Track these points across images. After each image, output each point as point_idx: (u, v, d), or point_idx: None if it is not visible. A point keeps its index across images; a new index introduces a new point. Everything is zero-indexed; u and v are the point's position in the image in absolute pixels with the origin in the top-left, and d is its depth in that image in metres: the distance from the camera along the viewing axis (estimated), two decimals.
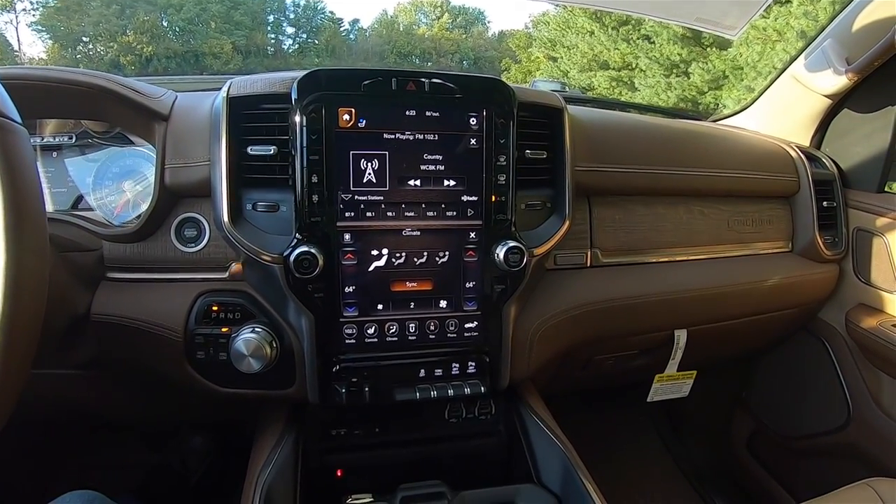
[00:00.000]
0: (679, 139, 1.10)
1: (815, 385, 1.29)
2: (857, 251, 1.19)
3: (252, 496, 0.68)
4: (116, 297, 0.79)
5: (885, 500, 0.84)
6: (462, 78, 0.76)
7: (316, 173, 0.71)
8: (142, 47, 12.59)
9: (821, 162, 1.22)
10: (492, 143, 0.77)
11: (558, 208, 0.86)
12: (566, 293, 0.91)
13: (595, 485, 0.71)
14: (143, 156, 0.89)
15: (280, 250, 0.72)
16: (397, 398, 0.78)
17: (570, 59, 10.75)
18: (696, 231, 1.06)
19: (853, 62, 1.12)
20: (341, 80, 0.72)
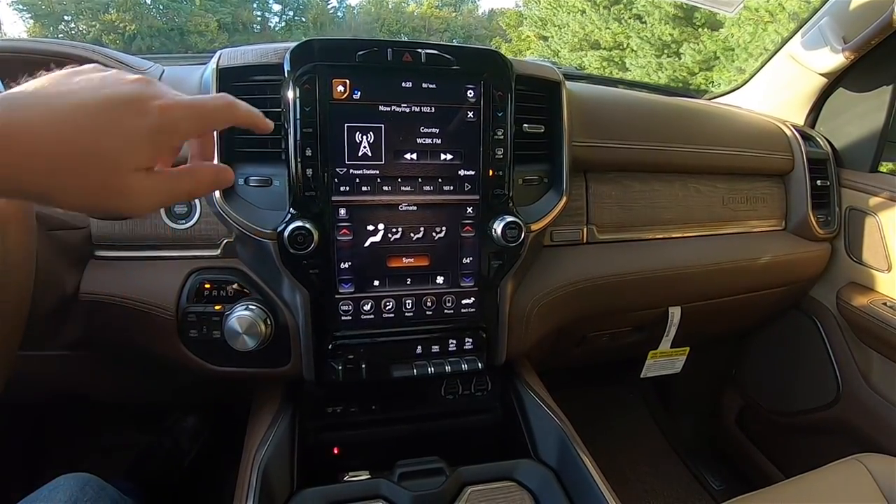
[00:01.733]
0: (676, 116, 1.09)
1: (805, 362, 1.31)
2: (850, 230, 1.20)
3: (249, 474, 0.67)
4: (105, 276, 0.77)
5: (875, 475, 0.86)
6: (459, 49, 0.74)
7: (310, 147, 0.70)
8: (125, 25, 12.30)
9: (815, 141, 1.22)
10: (489, 117, 0.75)
11: (556, 183, 0.85)
12: (562, 269, 0.90)
13: (592, 459, 0.71)
14: None
15: (274, 226, 0.71)
16: (394, 375, 0.77)
17: (560, 38, 10.66)
18: (692, 208, 1.06)
19: (850, 41, 1.12)
20: (335, 51, 0.70)
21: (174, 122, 0.39)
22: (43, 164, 0.35)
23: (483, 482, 0.71)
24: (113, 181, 0.37)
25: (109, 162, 0.37)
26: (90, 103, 0.36)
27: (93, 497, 0.67)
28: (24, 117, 0.34)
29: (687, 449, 1.64)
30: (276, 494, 0.67)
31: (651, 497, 1.49)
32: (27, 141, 0.34)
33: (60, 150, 0.35)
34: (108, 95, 0.37)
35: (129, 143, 0.37)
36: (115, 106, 0.37)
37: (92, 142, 0.36)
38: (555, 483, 0.71)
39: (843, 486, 0.85)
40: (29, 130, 0.34)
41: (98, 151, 0.36)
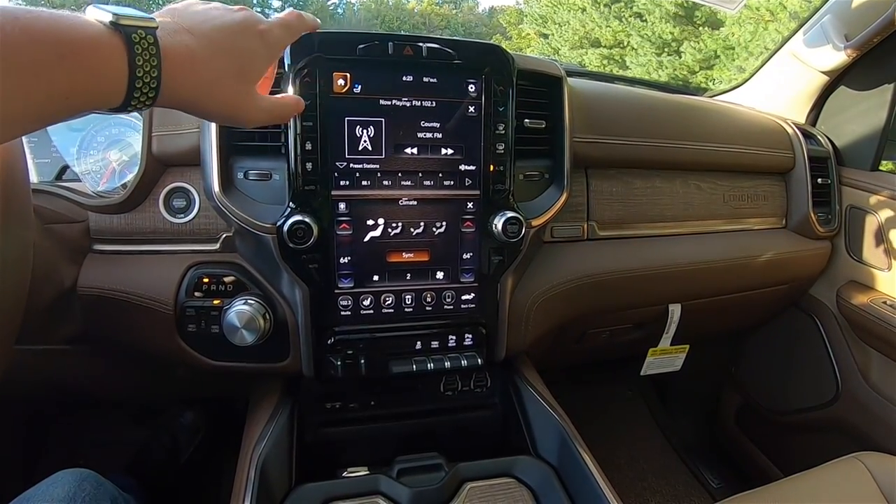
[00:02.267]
0: (677, 112, 1.09)
1: (804, 361, 1.31)
2: (850, 228, 1.19)
3: (247, 470, 0.67)
4: (103, 270, 0.77)
5: (874, 473, 0.85)
6: (460, 43, 0.74)
7: (310, 140, 0.69)
8: None
9: (816, 139, 1.22)
10: (490, 111, 0.75)
11: (556, 179, 0.84)
12: (563, 266, 0.90)
13: (592, 456, 0.71)
14: (128, 124, 0.86)
15: (273, 220, 0.70)
16: (393, 371, 0.77)
17: (561, 35, 10.64)
18: (693, 205, 1.06)
19: (852, 38, 1.12)
20: (336, 44, 0.70)
21: (275, 39, 0.51)
22: (198, 79, 0.44)
23: (482, 478, 0.71)
24: (243, 94, 0.49)
25: (242, 77, 0.48)
26: (225, 29, 0.46)
27: (90, 492, 0.67)
28: (181, 41, 0.43)
29: (686, 447, 1.64)
30: (275, 490, 0.67)
31: (650, 494, 1.49)
32: (188, 60, 0.43)
33: (211, 67, 0.45)
34: (232, 22, 0.47)
35: (251, 59, 0.49)
36: (240, 31, 0.48)
37: (231, 59, 0.46)
38: (554, 480, 0.71)
39: (841, 485, 0.85)
40: (188, 52, 0.43)
41: (234, 68, 0.47)
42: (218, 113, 0.49)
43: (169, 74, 0.41)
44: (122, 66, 0.39)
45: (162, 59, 0.41)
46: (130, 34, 0.39)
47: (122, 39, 0.39)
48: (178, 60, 0.42)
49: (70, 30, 0.37)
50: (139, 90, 0.40)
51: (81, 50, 0.37)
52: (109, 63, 0.38)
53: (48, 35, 0.35)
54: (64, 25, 0.36)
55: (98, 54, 0.38)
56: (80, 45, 0.37)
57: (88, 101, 0.39)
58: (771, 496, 0.83)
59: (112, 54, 0.38)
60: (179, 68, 0.42)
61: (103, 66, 0.38)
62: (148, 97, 0.41)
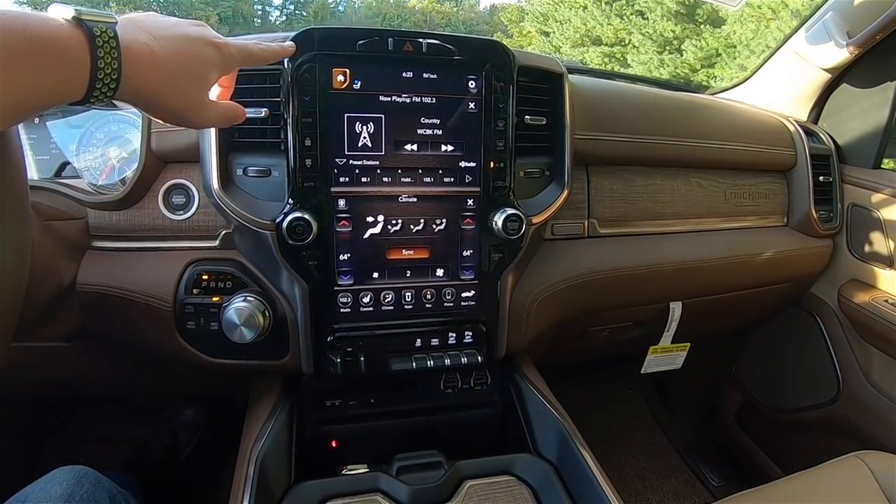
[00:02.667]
0: (679, 110, 1.08)
1: (805, 359, 1.31)
2: (852, 227, 1.19)
3: (246, 467, 0.67)
4: (103, 267, 0.77)
5: (875, 472, 0.85)
6: (461, 39, 0.73)
7: (309, 136, 0.69)
8: None
9: (818, 137, 1.22)
10: (491, 108, 0.75)
11: (557, 176, 0.84)
12: (563, 263, 0.90)
13: (592, 454, 0.71)
14: (127, 120, 0.86)
15: (272, 216, 0.70)
16: (393, 368, 0.77)
17: (562, 33, 10.63)
18: (694, 203, 1.05)
19: (854, 36, 1.11)
20: (336, 40, 0.69)
21: (230, 53, 0.55)
22: (157, 76, 0.47)
23: (482, 476, 0.71)
24: (197, 96, 0.52)
25: (198, 80, 0.52)
26: (183, 36, 0.50)
27: (89, 489, 0.66)
28: (141, 40, 0.46)
29: (686, 445, 1.64)
30: (274, 487, 0.67)
31: (650, 493, 1.49)
32: (148, 57, 0.46)
33: (170, 67, 0.48)
34: (190, 31, 0.51)
35: (208, 67, 0.52)
36: (197, 39, 0.51)
37: (188, 63, 0.50)
38: (554, 478, 0.71)
39: (842, 484, 0.84)
40: (150, 50, 0.46)
41: (192, 71, 0.50)
42: (174, 110, 0.51)
43: (130, 67, 0.44)
44: (84, 57, 0.41)
45: (122, 53, 0.43)
46: (92, 28, 0.42)
47: (84, 33, 0.41)
48: (139, 57, 0.45)
49: (36, 24, 0.39)
50: (101, 81, 0.43)
51: (47, 43, 0.39)
52: (73, 55, 0.41)
53: (16, 30, 0.38)
54: (31, 21, 0.39)
55: (62, 47, 0.40)
56: (46, 38, 0.39)
57: (55, 92, 0.41)
58: (771, 495, 0.82)
59: (75, 47, 0.41)
60: (140, 64, 0.45)
61: (68, 58, 0.41)
62: (109, 88, 0.43)
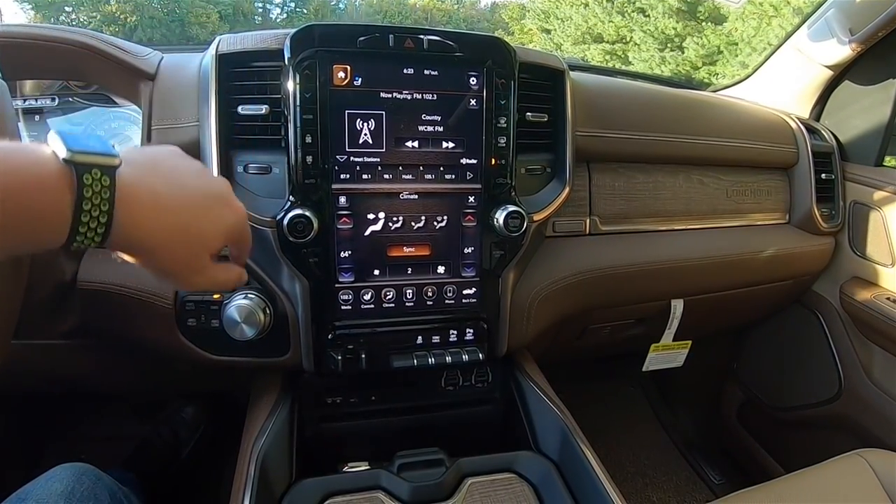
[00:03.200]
0: (680, 107, 1.08)
1: (806, 357, 1.30)
2: (854, 224, 1.19)
3: (247, 465, 0.67)
4: (103, 264, 0.76)
5: (877, 470, 0.85)
6: (462, 35, 0.73)
7: (310, 133, 0.69)
8: (125, 17, 12.23)
9: (820, 134, 1.22)
10: (492, 105, 0.74)
11: (558, 174, 0.84)
12: (564, 261, 0.90)
13: (594, 451, 0.70)
14: (127, 117, 0.86)
15: (273, 214, 0.70)
16: (394, 365, 0.77)
17: (563, 31, 10.61)
18: (695, 200, 1.05)
19: (856, 33, 1.10)
20: (336, 36, 0.69)
21: (244, 227, 0.50)
22: (156, 226, 0.41)
23: (483, 474, 0.71)
24: (196, 259, 0.45)
25: (200, 241, 0.45)
26: (197, 190, 0.44)
27: (89, 487, 0.66)
28: (148, 182, 0.40)
29: (687, 443, 1.64)
30: (275, 485, 0.67)
31: (651, 490, 1.49)
32: (150, 205, 0.40)
33: (173, 219, 0.42)
34: (207, 187, 0.46)
35: (218, 230, 0.46)
36: (211, 196, 0.46)
37: (197, 218, 0.44)
38: (555, 475, 0.70)
39: (843, 482, 0.84)
40: (155, 197, 0.41)
41: (198, 228, 0.44)
42: (168, 271, 0.44)
43: (125, 215, 0.38)
44: (63, 208, 0.36)
45: (116, 202, 0.38)
46: (83, 174, 0.36)
47: (72, 179, 0.36)
48: (139, 202, 0.39)
49: (18, 168, 0.35)
50: (82, 234, 0.37)
51: (25, 191, 0.35)
52: (53, 206, 0.36)
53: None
54: (11, 164, 0.34)
55: (42, 196, 0.35)
56: (23, 185, 0.35)
57: (26, 241, 0.36)
58: (772, 493, 0.82)
59: (56, 196, 0.36)
60: (139, 210, 0.39)
61: (45, 209, 0.36)
62: (93, 241, 0.38)
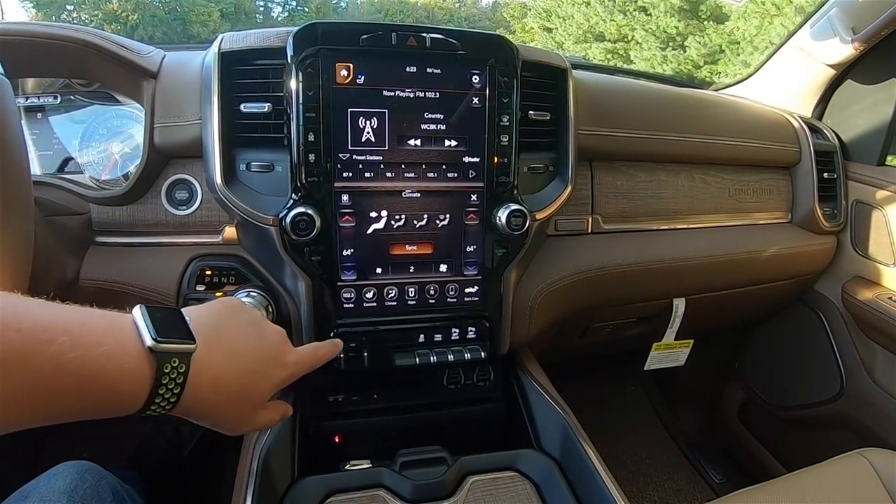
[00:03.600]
0: (683, 105, 1.08)
1: (808, 356, 1.30)
2: (856, 224, 1.19)
3: (249, 463, 0.67)
4: (106, 262, 0.77)
5: (878, 469, 0.85)
6: (464, 34, 0.73)
7: (312, 131, 0.69)
8: (126, 15, 12.22)
9: (822, 133, 1.21)
10: (494, 103, 0.74)
11: (561, 172, 0.84)
12: (566, 259, 0.90)
13: (595, 450, 0.70)
14: (130, 115, 0.86)
15: (275, 212, 0.70)
16: (396, 363, 0.77)
17: (565, 29, 10.58)
18: (698, 199, 1.05)
19: (859, 31, 1.10)
20: (339, 34, 0.69)
21: (297, 373, 0.55)
22: (216, 400, 0.46)
23: (485, 472, 0.71)
24: (249, 413, 0.51)
25: (253, 400, 0.50)
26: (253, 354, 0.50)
27: (92, 484, 0.66)
28: (213, 363, 0.45)
29: (688, 441, 1.64)
30: (277, 483, 0.67)
31: (652, 489, 1.49)
32: (212, 385, 0.45)
33: (231, 391, 0.47)
34: (262, 349, 0.51)
35: (269, 387, 0.51)
36: (267, 360, 0.51)
37: (252, 386, 0.49)
38: (557, 473, 0.70)
39: (845, 481, 0.84)
40: (215, 377, 0.45)
41: (250, 394, 0.50)
42: (221, 426, 0.49)
43: (190, 395, 0.42)
44: (141, 391, 0.40)
45: (187, 385, 0.42)
46: (164, 363, 0.40)
47: (152, 366, 0.40)
48: (205, 383, 0.44)
49: (100, 360, 0.37)
50: (153, 410, 0.41)
51: (104, 381, 0.38)
52: (130, 388, 0.39)
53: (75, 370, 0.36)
54: (95, 356, 0.37)
55: (120, 384, 0.39)
56: (105, 376, 0.38)
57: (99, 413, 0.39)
58: (773, 492, 0.82)
59: (135, 381, 0.39)
60: (202, 390, 0.44)
61: (121, 392, 0.39)
62: (161, 413, 0.42)
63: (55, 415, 0.37)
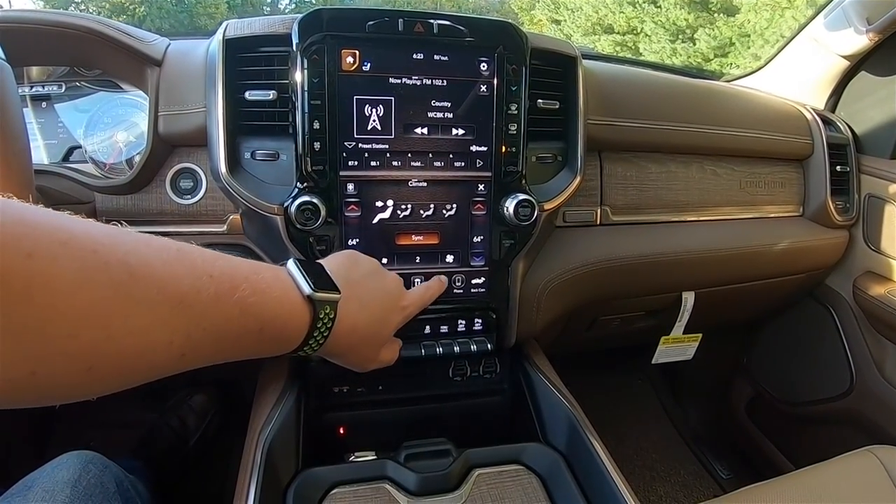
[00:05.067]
0: (694, 96, 1.06)
1: (818, 352, 1.29)
2: (868, 218, 1.17)
3: (253, 453, 0.66)
4: None
5: (888, 467, 0.84)
6: (473, 20, 0.72)
7: (318, 119, 0.68)
8: (134, 7, 12.24)
9: (835, 125, 1.19)
10: (503, 91, 0.73)
11: (570, 162, 0.82)
12: (575, 251, 0.89)
13: (602, 444, 0.70)
14: (134, 104, 0.86)
15: (280, 201, 0.69)
16: (402, 355, 0.76)
17: (573, 22, 10.52)
18: (708, 191, 1.03)
19: (874, 22, 1.08)
20: (345, 21, 0.68)
21: (411, 314, 0.65)
22: (350, 342, 0.55)
23: (490, 465, 0.70)
24: (375, 352, 0.61)
25: (379, 340, 0.60)
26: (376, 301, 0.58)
27: (96, 475, 0.66)
28: (350, 311, 0.53)
29: (695, 436, 1.63)
30: (281, 473, 0.66)
31: (658, 483, 1.48)
32: (349, 329, 0.53)
33: (362, 335, 0.56)
34: (384, 296, 0.60)
35: (390, 330, 0.61)
36: (390, 308, 0.61)
37: (378, 330, 0.59)
38: (563, 467, 0.70)
39: (853, 478, 0.83)
40: (352, 322, 0.53)
41: (377, 336, 0.59)
42: (351, 364, 0.60)
43: (333, 338, 0.51)
44: (301, 333, 0.48)
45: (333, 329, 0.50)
46: (319, 311, 0.48)
47: (310, 311, 0.48)
48: (343, 328, 0.52)
49: (274, 304, 0.44)
50: (306, 350, 0.50)
51: (277, 323, 0.45)
52: (295, 330, 0.47)
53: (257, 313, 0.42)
54: (270, 301, 0.44)
55: (289, 326, 0.46)
56: (278, 319, 0.45)
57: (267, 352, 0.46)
58: (781, 488, 0.81)
59: (298, 324, 0.47)
60: (341, 335, 0.52)
61: (289, 333, 0.47)
62: (311, 352, 0.51)
63: (237, 352, 0.43)
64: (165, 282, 0.35)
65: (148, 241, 0.37)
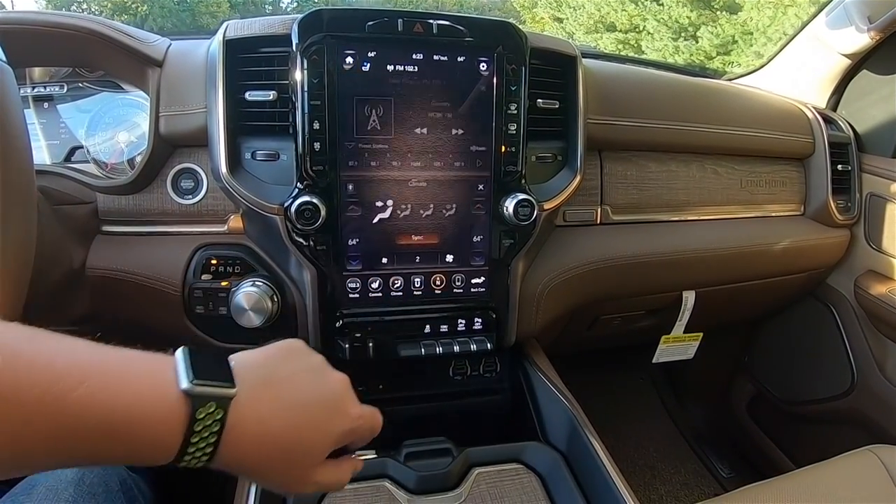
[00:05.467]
0: (695, 95, 1.06)
1: (819, 351, 1.29)
2: (870, 217, 1.17)
3: None
4: (112, 251, 0.77)
5: (888, 466, 0.84)
6: (472, 20, 0.72)
7: (318, 119, 0.68)
8: (136, 6, 12.25)
9: (837, 124, 1.19)
10: (502, 91, 0.73)
11: (570, 162, 0.83)
12: (575, 250, 0.89)
13: (602, 443, 0.70)
14: (136, 104, 0.86)
15: (281, 201, 0.70)
16: (402, 354, 0.76)
17: (575, 19, 10.49)
18: (709, 190, 1.03)
19: (875, 20, 1.08)
20: (345, 21, 0.68)
21: (360, 429, 0.48)
22: (264, 452, 0.41)
23: (490, 464, 0.70)
24: (305, 471, 0.44)
25: (310, 455, 0.44)
26: (309, 403, 0.43)
27: (99, 473, 0.67)
28: (258, 414, 0.40)
29: (696, 435, 1.63)
30: None
31: (659, 483, 1.48)
32: (256, 434, 0.40)
33: (280, 446, 0.41)
34: (321, 397, 0.44)
35: (328, 441, 0.44)
36: (327, 410, 0.44)
37: (307, 440, 0.43)
38: (563, 466, 0.70)
39: (854, 478, 0.83)
40: (261, 424, 0.40)
41: (306, 448, 0.43)
42: (274, 484, 0.45)
43: (230, 444, 0.38)
44: (177, 437, 0.36)
45: (225, 433, 0.38)
46: (198, 408, 0.36)
47: (187, 412, 0.36)
48: (247, 434, 0.39)
49: (131, 404, 0.35)
50: (186, 461, 0.38)
51: (136, 424, 0.35)
52: (167, 434, 0.36)
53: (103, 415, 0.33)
54: (124, 401, 0.34)
55: (157, 428, 0.36)
56: (137, 419, 0.35)
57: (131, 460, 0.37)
58: (781, 488, 0.81)
59: (171, 427, 0.36)
60: (245, 441, 0.39)
61: (158, 437, 0.36)
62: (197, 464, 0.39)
63: (83, 458, 0.35)
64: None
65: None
